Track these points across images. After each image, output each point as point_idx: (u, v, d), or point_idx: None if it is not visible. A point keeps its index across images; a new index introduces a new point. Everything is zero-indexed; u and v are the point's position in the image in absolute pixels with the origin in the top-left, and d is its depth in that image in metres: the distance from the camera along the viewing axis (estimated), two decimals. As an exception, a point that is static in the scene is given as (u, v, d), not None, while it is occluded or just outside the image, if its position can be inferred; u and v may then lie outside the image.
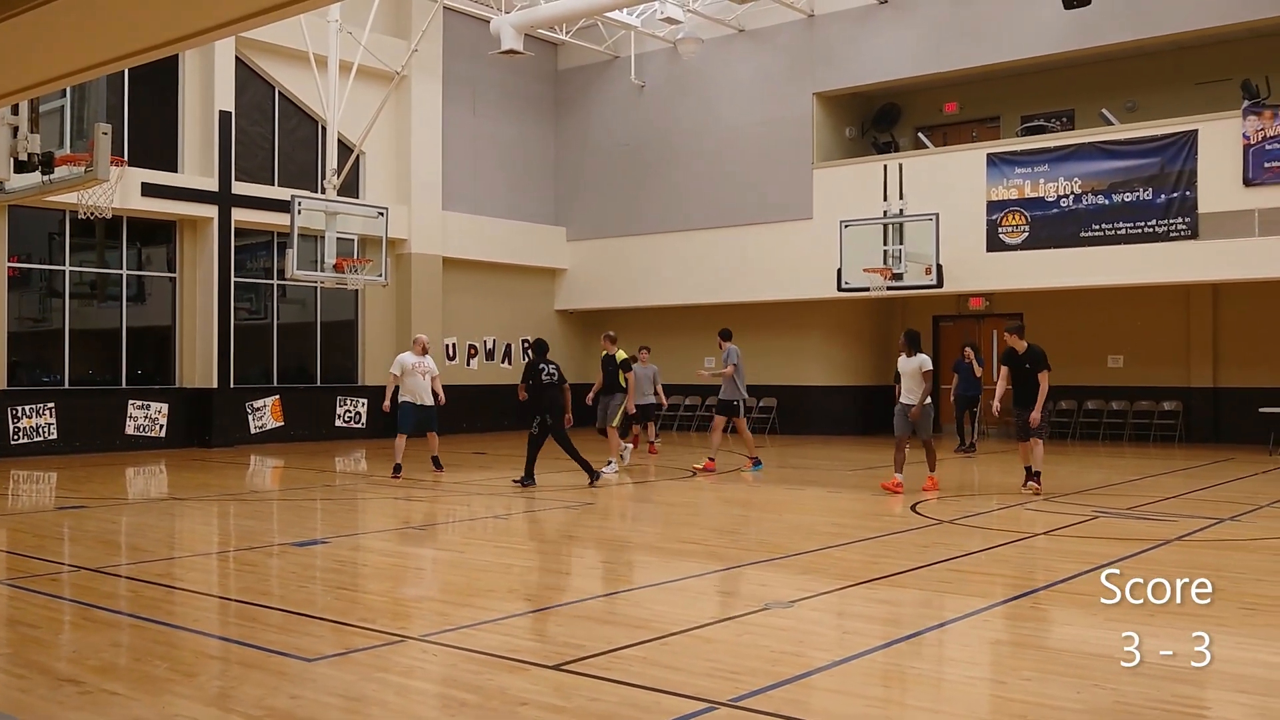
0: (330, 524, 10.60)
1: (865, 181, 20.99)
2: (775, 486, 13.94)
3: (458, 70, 23.69)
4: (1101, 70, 20.93)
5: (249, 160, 20.64)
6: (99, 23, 5.20)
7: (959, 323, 23.44)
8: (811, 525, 10.54)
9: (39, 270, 18.46)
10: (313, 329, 21.77)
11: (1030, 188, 19.68)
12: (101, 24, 5.24)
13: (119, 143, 17.69)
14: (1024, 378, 12.63)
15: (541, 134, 25.92)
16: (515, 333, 25.20)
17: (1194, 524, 10.17)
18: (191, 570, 8.50)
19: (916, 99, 23.27)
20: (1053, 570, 7.85)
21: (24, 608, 6.94)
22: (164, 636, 6.14)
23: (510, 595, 7.27)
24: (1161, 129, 18.68)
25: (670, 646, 5.76)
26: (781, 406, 23.55)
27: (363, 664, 5.54)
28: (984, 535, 9.69)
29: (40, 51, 5.79)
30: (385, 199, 21.32)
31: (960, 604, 6.96)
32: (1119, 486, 13.46)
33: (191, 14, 5.09)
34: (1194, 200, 18.19)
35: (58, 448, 17.57)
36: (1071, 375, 21.84)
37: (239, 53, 20.07)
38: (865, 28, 21.76)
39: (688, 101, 24.03)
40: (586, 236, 25.56)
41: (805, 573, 8.07)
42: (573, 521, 10.82)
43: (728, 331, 15.79)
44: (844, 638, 6.29)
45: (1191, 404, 20.66)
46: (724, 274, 23.10)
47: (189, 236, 19.83)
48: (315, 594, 7.46)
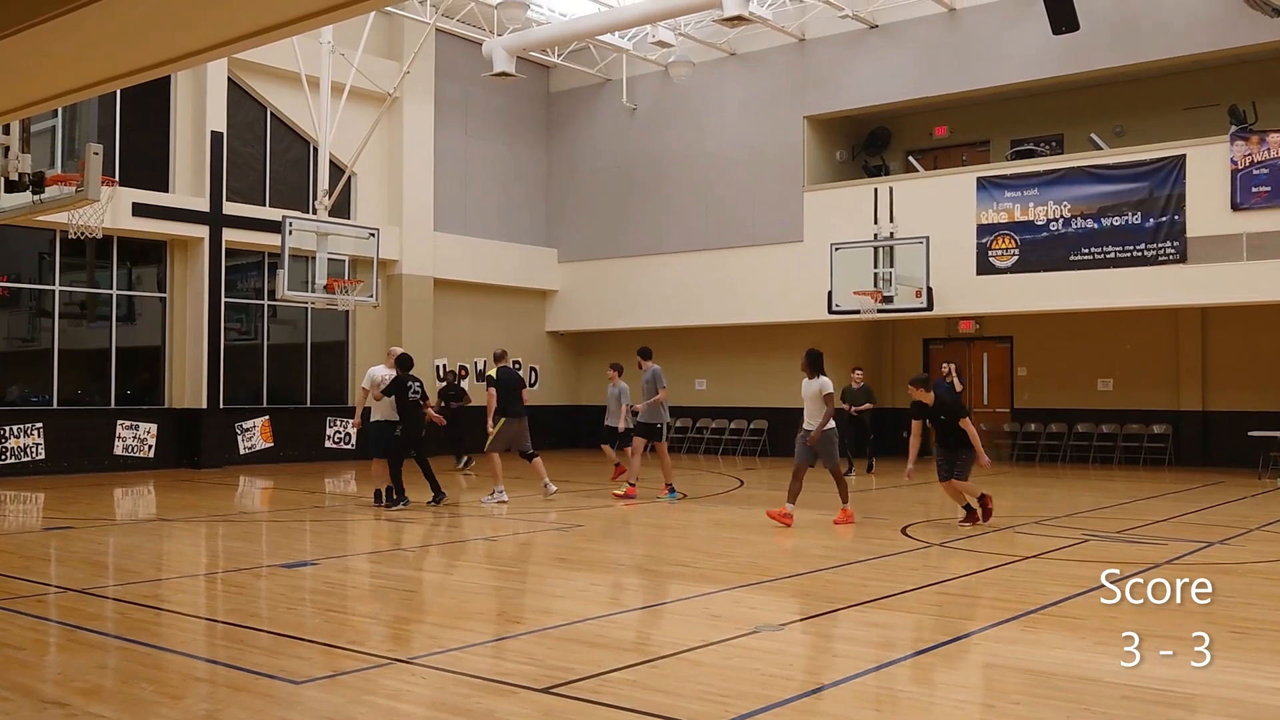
0: (319, 546, 10.55)
1: (856, 205, 21.08)
2: (765, 509, 13.90)
3: (450, 92, 23.76)
4: (1090, 95, 21.08)
5: (240, 180, 20.64)
6: (92, 44, 5.21)
7: (949, 345, 23.49)
8: (802, 548, 10.53)
9: (29, 290, 18.41)
10: (303, 350, 21.73)
11: (1020, 211, 19.77)
12: (94, 45, 5.25)
13: (110, 162, 17.67)
14: (943, 428, 11.60)
15: (533, 156, 25.98)
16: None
17: (1184, 547, 10.17)
18: (179, 592, 8.45)
19: (907, 123, 23.40)
20: (1043, 593, 7.85)
21: (9, 629, 6.89)
22: (151, 659, 6.09)
23: (499, 618, 7.24)
24: (1150, 154, 18.79)
25: (660, 670, 5.74)
26: (773, 429, 23.55)
27: (351, 686, 5.51)
28: (975, 558, 9.68)
29: (33, 72, 5.80)
30: (377, 220, 21.33)
31: (951, 627, 6.95)
32: (1109, 510, 13.47)
33: (185, 36, 5.10)
34: (1182, 224, 18.29)
35: (46, 468, 17.48)
36: (1061, 398, 21.93)
37: (231, 73, 20.11)
38: (856, 52, 21.89)
39: (679, 124, 24.13)
40: (578, 258, 25.59)
41: (796, 596, 8.05)
42: (562, 544, 10.78)
43: (647, 350, 15.32)
44: (834, 661, 6.28)
45: (1181, 427, 20.72)
46: (715, 296, 23.13)
47: (179, 256, 19.81)
48: (304, 616, 7.42)
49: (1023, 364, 22.61)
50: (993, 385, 23.07)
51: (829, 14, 21.49)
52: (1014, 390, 22.69)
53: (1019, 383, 22.63)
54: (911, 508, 13.03)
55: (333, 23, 4.93)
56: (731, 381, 24.13)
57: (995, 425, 22.76)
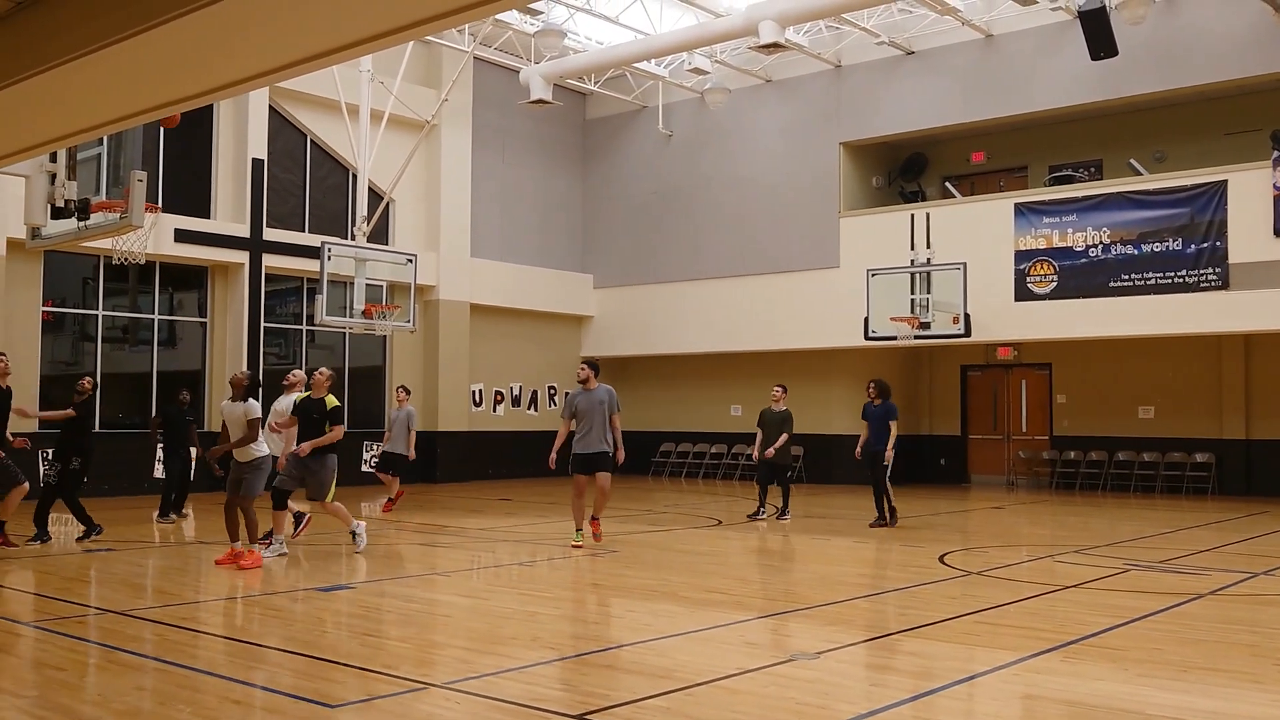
0: (354, 569, 10.59)
1: (892, 231, 21.01)
2: (801, 536, 13.84)
3: (487, 119, 23.96)
4: (1130, 120, 20.93)
5: (280, 207, 20.89)
6: (138, 74, 5.30)
7: (987, 372, 23.32)
8: (838, 575, 10.45)
9: (73, 314, 18.68)
10: (340, 374, 21.90)
11: (1058, 237, 19.63)
12: (141, 75, 5.34)
13: (153, 189, 17.96)
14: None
15: (569, 182, 26.13)
16: (542, 379, 25.26)
17: (1228, 578, 10.01)
18: (216, 614, 8.50)
19: (943, 149, 23.33)
20: (1084, 623, 7.74)
21: (50, 650, 6.96)
22: (188, 681, 6.13)
23: (534, 643, 7.23)
24: (1191, 179, 18.63)
25: (695, 697, 5.70)
26: (807, 455, 23.43)
27: (385, 711, 5.51)
28: (1013, 587, 9.57)
29: (81, 101, 5.91)
30: (414, 246, 21.50)
31: (989, 657, 6.86)
32: (1151, 539, 13.28)
33: (228, 65, 5.18)
34: (1224, 250, 18.09)
35: (87, 490, 17.58)
36: (1101, 426, 21.68)
37: (272, 101, 20.38)
38: (892, 78, 21.88)
39: (715, 151, 24.19)
40: (614, 284, 25.66)
41: (832, 624, 7.98)
42: (598, 569, 10.76)
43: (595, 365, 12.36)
44: (871, 690, 6.21)
45: (1224, 456, 20.41)
46: (751, 322, 23.11)
47: (220, 282, 20.05)
48: (339, 639, 7.44)
49: (1062, 391, 22.39)
50: (1031, 412, 22.86)
51: (865, 41, 21.50)
52: (1053, 418, 22.46)
53: (1058, 410, 22.40)
54: (949, 535, 12.91)
55: (373, 52, 4.99)
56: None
57: (1034, 453, 22.54)
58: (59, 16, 5.24)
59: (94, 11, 4.95)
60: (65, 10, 5.21)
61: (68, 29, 5.13)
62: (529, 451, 22.67)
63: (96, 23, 4.90)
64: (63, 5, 5.22)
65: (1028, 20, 20.14)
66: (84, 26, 5.00)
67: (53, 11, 5.29)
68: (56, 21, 5.25)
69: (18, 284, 17.36)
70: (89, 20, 4.97)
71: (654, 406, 25.79)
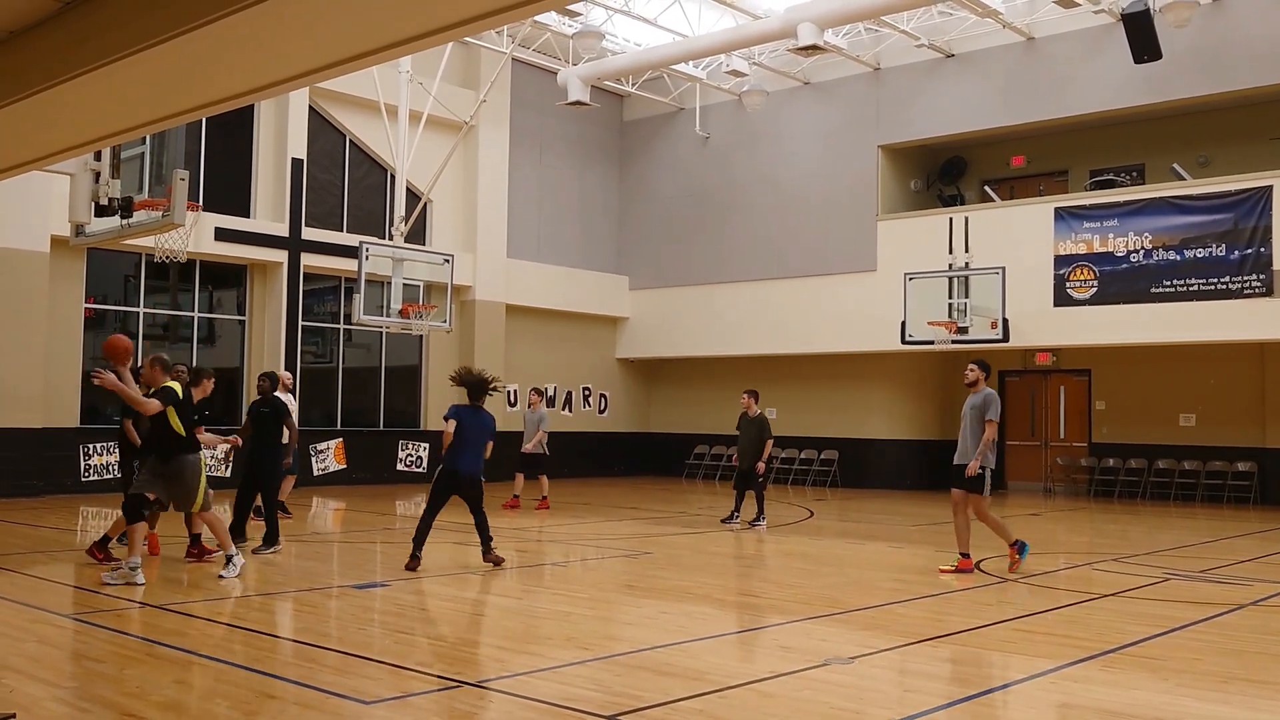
0: (390, 567, 10.64)
1: (930, 234, 20.87)
2: (836, 540, 13.78)
3: (525, 120, 24.03)
4: (1172, 124, 20.68)
5: (319, 206, 21.05)
6: (182, 72, 5.36)
7: (1025, 378, 23.12)
8: (873, 580, 10.39)
9: (114, 311, 18.91)
10: (377, 373, 22.03)
11: (1099, 242, 19.43)
12: (184, 74, 5.40)
13: (195, 188, 18.16)
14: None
15: (606, 184, 26.16)
16: (577, 380, 25.30)
17: (1269, 589, 9.87)
18: (253, 610, 8.58)
19: (983, 152, 23.16)
20: (1123, 632, 7.65)
21: (91, 643, 7.04)
22: (226, 675, 6.18)
23: (568, 643, 7.24)
24: (1235, 184, 18.38)
25: (728, 700, 5.69)
26: (843, 459, 23.33)
27: (420, 708, 5.53)
28: (1050, 595, 9.48)
29: (125, 100, 5.98)
30: (451, 246, 21.59)
31: (1025, 665, 6.80)
32: (1191, 548, 13.12)
33: (271, 65, 5.23)
34: (1269, 257, 17.83)
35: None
36: (1141, 434, 21.42)
37: (312, 102, 20.55)
38: (931, 81, 21.74)
39: (752, 153, 24.13)
40: (649, 285, 25.66)
41: (867, 629, 7.94)
42: (631, 570, 10.76)
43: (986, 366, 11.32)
44: (905, 696, 6.17)
45: (1267, 465, 20.11)
46: (786, 325, 23.03)
47: (259, 280, 20.23)
48: (374, 636, 7.48)
49: (1101, 398, 22.15)
50: (1070, 419, 22.64)
51: (904, 43, 21.39)
52: (1092, 424, 22.24)
53: (1097, 417, 22.17)
54: (988, 542, 12.75)
55: (413, 52, 5.02)
56: (802, 411, 23.94)
57: (1072, 459, 22.32)
58: (103, 17, 5.31)
59: (136, 13, 5.02)
60: (109, 11, 5.27)
61: (111, 29, 5.20)
62: (563, 452, 22.70)
63: (139, 24, 4.97)
64: (106, 5, 5.29)
65: (1070, 23, 19.95)
66: (127, 27, 5.06)
67: (97, 11, 5.36)
68: (101, 21, 5.32)
69: (61, 280, 17.59)
70: (132, 21, 5.04)
71: (688, 409, 25.78)
